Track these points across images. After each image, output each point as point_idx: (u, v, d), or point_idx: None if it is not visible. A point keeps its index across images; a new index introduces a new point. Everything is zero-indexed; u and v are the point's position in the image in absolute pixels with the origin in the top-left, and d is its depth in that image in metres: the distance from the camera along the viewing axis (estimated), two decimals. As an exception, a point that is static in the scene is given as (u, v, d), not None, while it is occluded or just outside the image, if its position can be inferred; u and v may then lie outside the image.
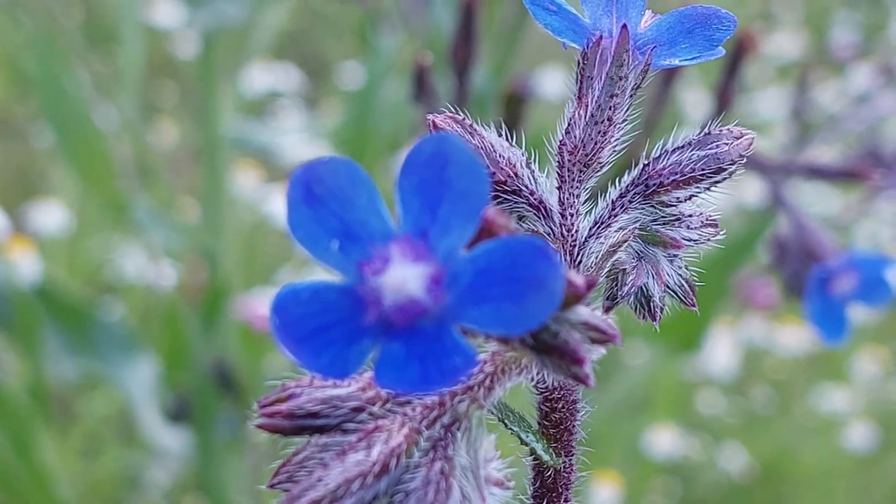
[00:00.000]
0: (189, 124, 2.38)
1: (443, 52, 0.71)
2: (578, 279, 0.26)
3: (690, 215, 0.32)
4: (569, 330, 0.26)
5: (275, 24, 1.48)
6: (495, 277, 0.24)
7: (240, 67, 1.55)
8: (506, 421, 0.29)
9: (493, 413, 0.29)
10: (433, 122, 0.32)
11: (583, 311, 0.26)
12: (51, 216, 1.73)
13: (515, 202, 0.31)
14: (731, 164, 0.32)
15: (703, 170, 0.32)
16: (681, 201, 0.32)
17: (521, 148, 0.32)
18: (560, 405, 0.30)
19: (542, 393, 0.30)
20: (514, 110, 0.67)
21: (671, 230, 0.32)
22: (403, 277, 0.24)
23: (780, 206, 0.66)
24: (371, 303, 0.25)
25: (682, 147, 0.32)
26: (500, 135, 0.32)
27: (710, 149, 0.32)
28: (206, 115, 1.32)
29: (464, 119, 0.32)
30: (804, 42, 4.24)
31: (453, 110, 0.56)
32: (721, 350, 2.09)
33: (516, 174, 0.31)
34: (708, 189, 0.32)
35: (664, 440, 1.96)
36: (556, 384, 0.29)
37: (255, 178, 1.87)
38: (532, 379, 0.29)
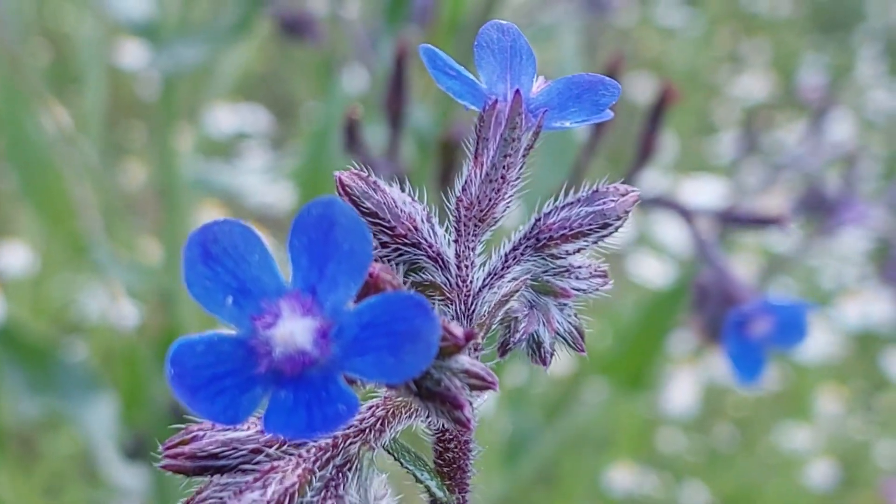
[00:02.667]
0: (155, 165, 2.40)
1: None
2: (457, 331, 0.28)
3: (579, 267, 0.34)
4: (450, 377, 0.28)
5: (237, 66, 1.50)
6: (377, 330, 0.26)
7: (203, 108, 1.57)
8: (401, 460, 0.31)
9: (389, 453, 0.31)
10: (339, 178, 0.34)
11: (463, 360, 0.29)
12: (15, 257, 1.74)
13: (415, 254, 0.34)
14: (616, 220, 0.34)
15: (590, 225, 0.34)
16: (570, 254, 0.34)
17: (422, 203, 0.34)
18: (452, 445, 0.32)
19: (435, 434, 0.32)
20: (448, 157, 0.70)
21: (561, 280, 0.34)
22: (292, 330, 0.27)
23: (701, 252, 0.68)
24: (262, 354, 0.27)
25: (572, 203, 0.35)
26: (402, 190, 0.34)
27: (597, 205, 0.34)
28: (167, 156, 1.34)
29: (368, 176, 0.34)
30: (771, 84, 4.30)
31: (385, 159, 0.58)
32: (682, 389, 2.11)
33: (416, 228, 0.33)
34: (595, 243, 0.34)
35: (624, 478, 1.98)
36: (446, 426, 0.31)
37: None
38: (424, 421, 0.31)
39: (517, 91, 0.34)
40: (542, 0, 1.23)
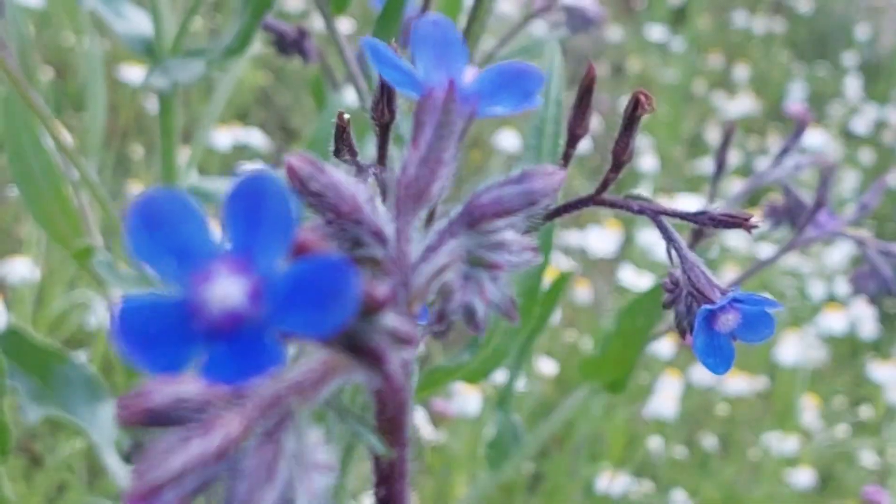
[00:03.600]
0: (155, 180, 2.43)
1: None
2: (378, 291, 0.30)
3: (511, 241, 0.36)
4: (372, 333, 0.30)
5: (236, 82, 1.52)
6: (303, 289, 0.28)
7: (203, 124, 1.59)
8: (341, 417, 0.33)
9: (329, 409, 0.33)
10: (288, 162, 0.36)
11: (388, 318, 0.31)
12: (18, 268, 1.76)
13: (358, 231, 0.35)
14: (543, 198, 0.36)
15: (518, 202, 0.36)
16: (501, 229, 0.36)
17: (366, 185, 0.36)
18: (389, 403, 0.34)
19: (373, 392, 0.34)
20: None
21: (493, 254, 0.36)
22: (227, 288, 0.29)
23: (672, 250, 0.70)
24: (200, 311, 0.29)
25: (503, 183, 0.37)
26: (349, 173, 0.36)
27: (525, 185, 0.36)
28: (165, 171, 1.36)
29: (315, 161, 0.36)
30: (759, 102, 4.33)
31: (372, 165, 0.60)
32: (667, 393, 2.12)
33: (359, 207, 0.35)
34: (525, 219, 0.36)
35: (614, 483, 1.99)
36: (389, 382, 0.33)
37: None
38: (362, 379, 0.33)
39: (451, 80, 0.36)
40: (525, 16, 1.25)
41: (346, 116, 0.62)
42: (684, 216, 0.72)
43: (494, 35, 1.48)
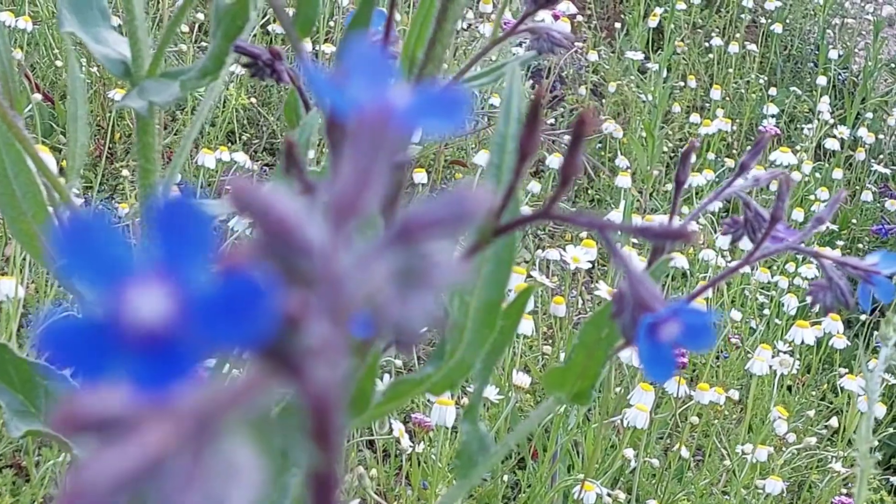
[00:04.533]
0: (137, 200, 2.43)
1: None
2: (298, 306, 0.30)
3: (441, 258, 0.37)
4: (295, 348, 0.30)
5: (212, 104, 1.52)
6: (222, 304, 0.29)
7: (182, 145, 1.60)
8: (270, 427, 0.33)
9: (258, 421, 0.33)
10: (228, 183, 0.36)
11: (308, 331, 0.31)
12: (3, 287, 1.76)
13: (289, 247, 0.36)
14: (472, 217, 0.37)
15: (449, 221, 0.37)
16: (431, 246, 0.36)
17: (302, 201, 0.37)
18: (316, 416, 0.34)
19: (302, 402, 0.34)
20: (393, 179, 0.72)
21: (424, 270, 0.37)
22: (148, 304, 0.29)
23: (616, 262, 0.70)
24: (123, 326, 0.29)
25: (436, 202, 0.37)
26: (287, 194, 0.37)
27: (455, 205, 0.37)
28: (144, 192, 1.36)
29: (249, 181, 0.36)
30: (736, 125, 4.35)
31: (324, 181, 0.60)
32: (641, 403, 2.13)
33: (289, 224, 0.36)
34: (453, 237, 0.37)
35: (589, 494, 1.99)
36: (312, 396, 0.33)
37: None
38: (288, 390, 0.33)
39: (380, 98, 0.37)
40: (493, 40, 1.25)
41: (293, 137, 0.62)
42: (628, 230, 0.72)
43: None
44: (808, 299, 1.19)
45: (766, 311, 3.30)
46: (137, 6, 1.28)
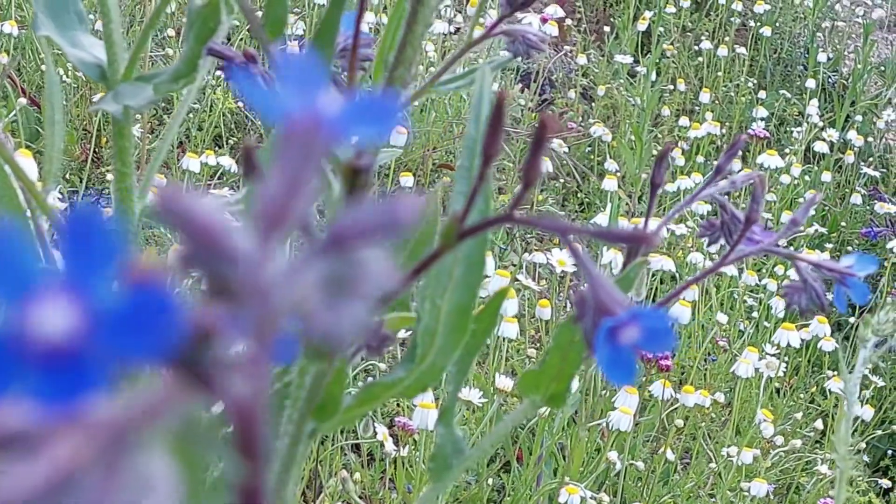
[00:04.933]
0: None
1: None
2: (209, 319, 0.30)
3: (371, 264, 0.36)
4: (209, 360, 0.30)
5: (187, 107, 1.52)
6: (130, 316, 0.28)
7: (158, 148, 1.59)
8: (192, 439, 0.33)
9: (177, 432, 0.32)
10: (162, 191, 0.35)
11: (218, 345, 0.30)
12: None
13: (218, 257, 0.35)
14: (404, 223, 0.36)
15: (380, 229, 0.36)
16: (362, 254, 0.36)
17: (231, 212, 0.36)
18: (238, 426, 0.33)
19: (226, 413, 0.33)
20: (353, 180, 0.72)
21: (355, 278, 0.36)
22: (53, 317, 0.28)
23: (578, 265, 0.70)
24: (28, 341, 0.28)
25: (366, 210, 0.36)
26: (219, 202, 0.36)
27: (388, 213, 0.36)
28: (121, 195, 1.35)
29: (177, 189, 0.35)
30: (725, 129, 4.35)
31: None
32: (625, 406, 2.12)
33: (219, 234, 0.35)
34: (384, 244, 0.36)
35: (573, 497, 1.99)
36: (235, 406, 0.33)
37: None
38: (212, 401, 0.32)
39: (310, 107, 0.36)
40: (467, 43, 1.25)
41: (250, 142, 0.62)
42: (587, 233, 0.72)
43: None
44: (783, 301, 1.18)
45: (755, 314, 3.30)
46: (113, 10, 1.27)
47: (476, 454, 1.22)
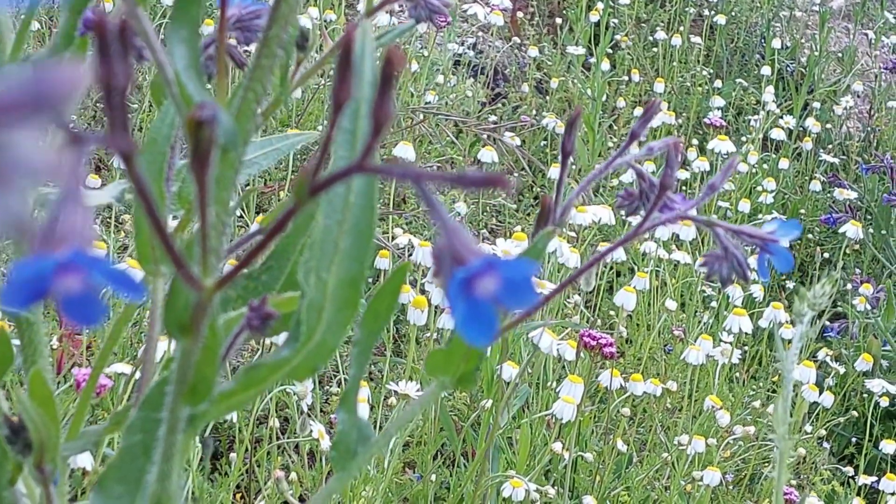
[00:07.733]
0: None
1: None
2: None
3: (22, 149, 0.29)
4: None
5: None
6: None
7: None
8: None
9: None
10: None
11: None
12: None
13: None
14: (56, 99, 0.29)
15: (28, 105, 0.29)
16: (11, 136, 0.29)
17: None
18: None
19: None
20: (197, 137, 0.64)
21: (2, 164, 0.29)
22: None
23: (430, 213, 0.62)
24: None
25: (9, 83, 0.29)
26: None
27: (36, 86, 0.29)
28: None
29: None
30: (682, 119, 4.29)
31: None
32: (571, 395, 2.06)
33: None
34: (37, 124, 0.29)
35: (518, 491, 1.92)
36: None
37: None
38: None
39: None
40: (368, 10, 1.18)
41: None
42: (441, 178, 0.65)
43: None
44: (703, 271, 1.12)
45: (714, 304, 3.24)
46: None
47: (383, 440, 1.15)
